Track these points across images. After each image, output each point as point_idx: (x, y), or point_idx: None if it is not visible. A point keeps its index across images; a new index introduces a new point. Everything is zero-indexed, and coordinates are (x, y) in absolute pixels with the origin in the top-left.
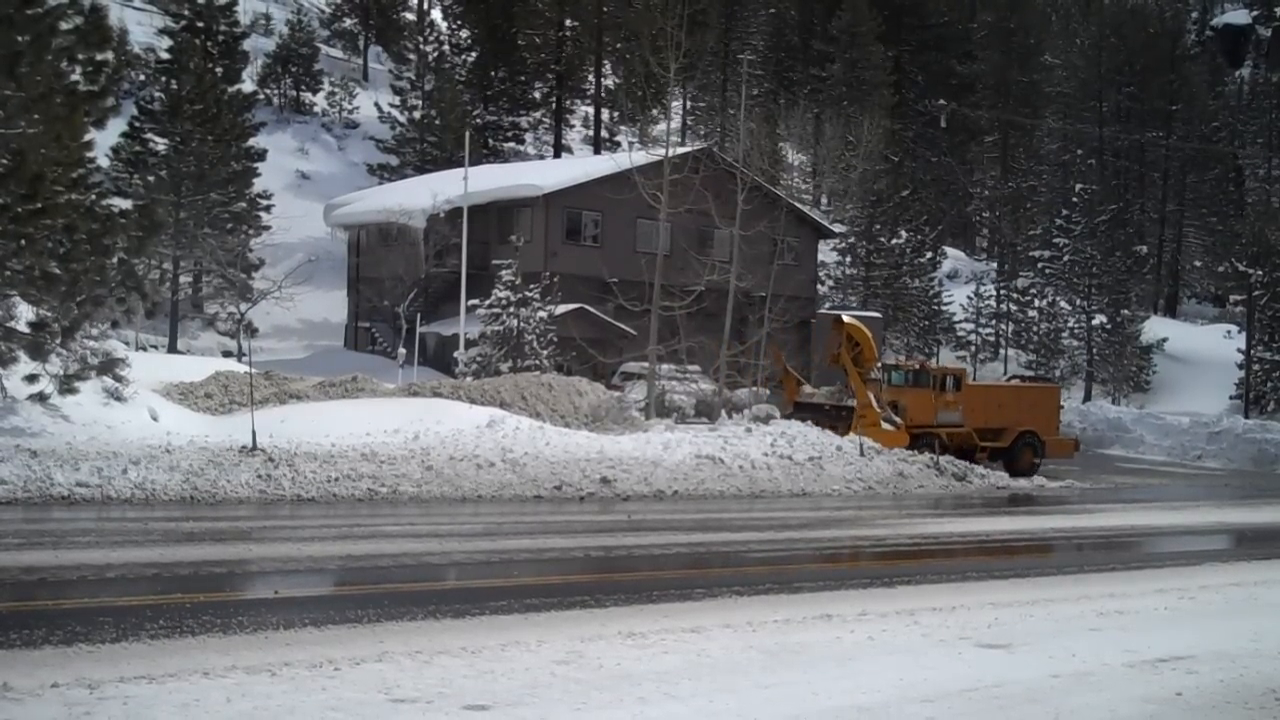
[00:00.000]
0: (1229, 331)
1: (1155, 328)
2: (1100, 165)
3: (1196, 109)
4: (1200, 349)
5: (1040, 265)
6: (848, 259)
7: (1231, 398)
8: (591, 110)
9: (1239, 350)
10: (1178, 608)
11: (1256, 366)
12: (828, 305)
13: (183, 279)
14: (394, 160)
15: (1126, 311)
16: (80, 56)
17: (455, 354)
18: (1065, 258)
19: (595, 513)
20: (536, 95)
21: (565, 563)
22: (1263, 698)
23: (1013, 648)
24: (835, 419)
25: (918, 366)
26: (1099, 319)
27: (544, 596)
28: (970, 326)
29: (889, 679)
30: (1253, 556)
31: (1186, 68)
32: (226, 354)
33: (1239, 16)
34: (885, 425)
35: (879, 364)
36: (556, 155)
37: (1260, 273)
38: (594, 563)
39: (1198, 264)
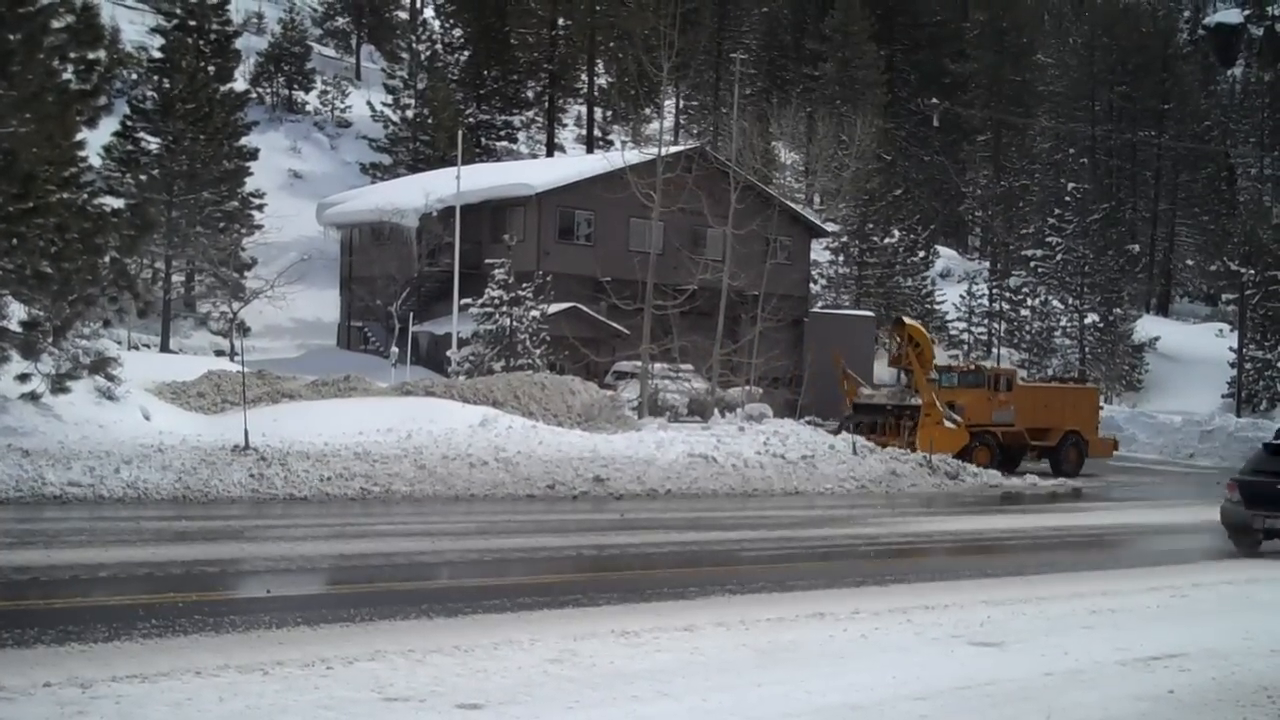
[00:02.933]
0: (1221, 330)
1: (1147, 326)
2: (1093, 164)
3: (1189, 108)
4: (1192, 348)
5: (1033, 264)
6: (840, 258)
7: (1223, 396)
8: (584, 109)
9: (1231, 349)
10: (1170, 606)
11: (1248, 365)
12: (820, 304)
13: (175, 278)
14: (386, 159)
15: (1119, 310)
16: (72, 55)
17: (448, 353)
18: (1058, 256)
19: (588, 511)
20: (529, 94)
21: (558, 561)
22: (1254, 695)
23: (1005, 646)
24: (898, 419)
25: (972, 367)
26: (1091, 318)
27: (537, 595)
28: (963, 325)
29: (882, 677)
30: (1244, 555)
31: (1179, 67)
32: (219, 353)
33: (1231, 16)
34: (948, 424)
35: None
36: (549, 154)
37: (1252, 271)
38: (587, 561)
39: (1190, 263)
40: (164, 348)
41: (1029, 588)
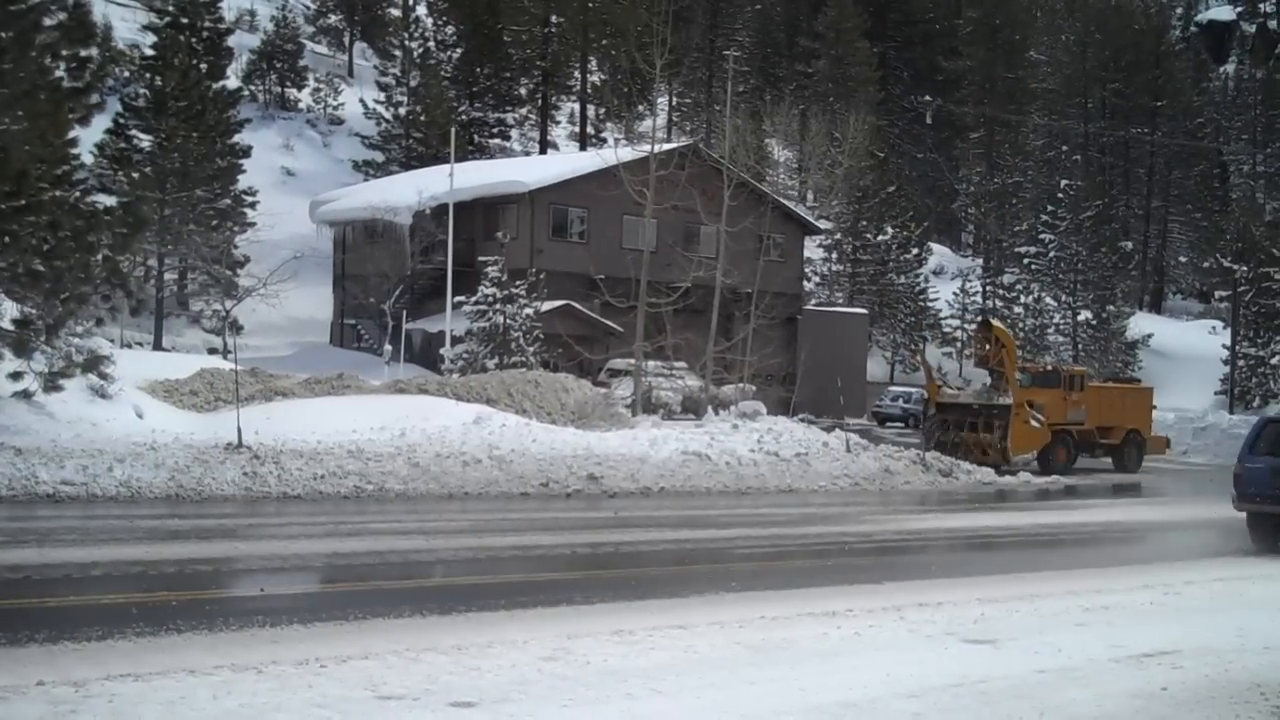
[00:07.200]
0: (1214, 327)
1: (1140, 323)
2: (1085, 161)
3: (1181, 105)
4: (1185, 345)
5: (1026, 261)
6: (833, 255)
7: (1216, 393)
8: (577, 107)
9: (1224, 346)
10: (1163, 603)
11: (1241, 362)
12: (814, 302)
13: (168, 276)
14: (379, 157)
15: (1112, 307)
16: (64, 53)
17: (441, 351)
18: (1051, 254)
19: (582, 509)
20: (522, 92)
21: (552, 560)
22: (1248, 692)
23: (999, 643)
24: (987, 418)
25: (1049, 368)
26: (1084, 315)
27: (531, 593)
28: (956, 323)
29: (876, 674)
30: (1237, 552)
31: (1171, 64)
32: (212, 351)
33: (1223, 12)
34: (1033, 423)
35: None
36: (542, 152)
37: (1245, 268)
38: (581, 560)
39: (1183, 260)
40: (157, 346)
41: (1022, 585)
